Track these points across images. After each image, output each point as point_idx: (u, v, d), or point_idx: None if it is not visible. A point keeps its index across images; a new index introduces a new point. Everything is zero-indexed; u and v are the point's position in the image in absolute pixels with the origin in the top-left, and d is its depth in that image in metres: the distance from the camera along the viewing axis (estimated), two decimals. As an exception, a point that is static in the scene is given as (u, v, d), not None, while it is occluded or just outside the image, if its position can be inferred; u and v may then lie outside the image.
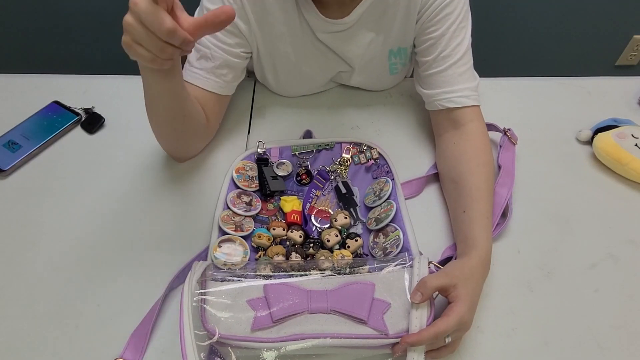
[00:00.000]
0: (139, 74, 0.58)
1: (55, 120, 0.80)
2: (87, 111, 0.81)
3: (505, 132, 0.78)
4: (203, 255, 0.64)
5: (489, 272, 0.60)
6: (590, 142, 0.80)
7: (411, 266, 0.56)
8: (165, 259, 0.65)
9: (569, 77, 0.93)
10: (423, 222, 0.68)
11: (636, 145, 0.75)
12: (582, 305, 0.63)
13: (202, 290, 0.53)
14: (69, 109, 0.81)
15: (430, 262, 0.57)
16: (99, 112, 0.81)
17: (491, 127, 0.77)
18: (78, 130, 0.80)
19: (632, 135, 0.76)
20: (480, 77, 0.74)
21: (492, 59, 1.54)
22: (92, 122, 0.80)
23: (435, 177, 0.75)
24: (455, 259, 0.62)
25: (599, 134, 0.79)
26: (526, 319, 0.61)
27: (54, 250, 0.65)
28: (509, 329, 0.60)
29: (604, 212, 0.73)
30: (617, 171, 0.77)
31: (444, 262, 0.62)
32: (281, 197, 0.70)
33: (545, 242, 0.69)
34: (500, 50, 1.78)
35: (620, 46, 1.84)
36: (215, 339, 0.50)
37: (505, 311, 0.62)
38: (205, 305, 0.52)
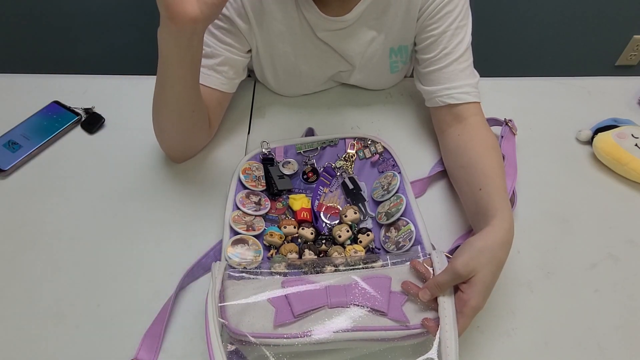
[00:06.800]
0: (139, 74, 0.58)
1: (55, 120, 0.80)
2: (87, 111, 0.81)
3: (506, 122, 0.78)
4: (211, 254, 0.64)
5: (511, 246, 0.56)
6: (590, 142, 0.80)
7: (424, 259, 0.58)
8: (167, 258, 0.65)
9: (569, 77, 0.93)
10: (429, 221, 0.67)
11: (636, 145, 0.75)
12: (582, 305, 0.63)
13: (222, 287, 0.54)
14: (69, 109, 0.81)
15: (446, 256, 0.57)
16: (99, 112, 0.81)
17: (491, 120, 0.78)
18: (78, 130, 0.80)
19: (632, 135, 0.76)
20: (480, 76, 0.74)
21: (492, 58, 1.54)
22: (92, 122, 0.80)
23: (438, 176, 0.75)
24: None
25: (599, 134, 0.79)
26: (526, 319, 0.61)
27: (54, 250, 0.65)
28: (509, 329, 0.60)
29: (604, 212, 0.73)
30: (617, 171, 0.77)
31: (454, 251, 0.61)
32: (289, 196, 0.70)
33: (545, 242, 0.69)
34: (500, 50, 1.78)
35: (620, 46, 1.84)
36: (242, 338, 0.50)
37: (505, 311, 0.62)
38: (225, 304, 0.52)
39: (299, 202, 0.69)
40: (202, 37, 0.59)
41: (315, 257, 0.63)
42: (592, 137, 0.80)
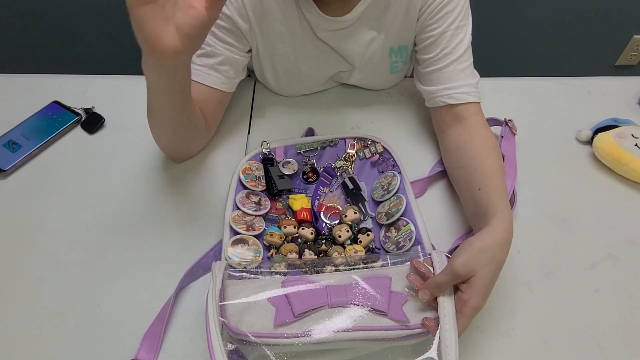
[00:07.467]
0: (139, 74, 0.58)
1: (55, 120, 0.80)
2: (87, 111, 0.81)
3: (506, 122, 0.78)
4: (211, 254, 0.64)
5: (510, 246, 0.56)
6: (590, 142, 0.80)
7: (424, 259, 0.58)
8: (167, 258, 0.65)
9: (569, 77, 0.93)
10: (429, 221, 0.67)
11: (636, 145, 0.75)
12: (582, 305, 0.63)
13: (222, 289, 0.54)
14: (69, 109, 0.81)
15: (446, 256, 0.57)
16: (99, 112, 0.81)
17: (491, 120, 0.78)
18: (78, 130, 0.80)
19: (632, 135, 0.76)
20: (480, 76, 0.74)
21: (492, 59, 1.54)
22: (92, 122, 0.80)
23: (438, 176, 0.75)
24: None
25: (599, 134, 0.79)
26: (526, 319, 0.61)
27: (54, 250, 0.65)
28: (509, 329, 0.60)
29: (604, 212, 0.73)
30: (617, 171, 0.77)
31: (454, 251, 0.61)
32: (289, 196, 0.70)
33: (545, 242, 0.69)
34: (500, 50, 1.79)
35: (620, 46, 1.84)
36: (241, 337, 0.50)
37: (505, 311, 0.62)
38: (226, 304, 0.52)
39: (299, 202, 0.69)
40: (188, 65, 0.58)
41: (315, 257, 0.63)
42: (592, 137, 0.80)
